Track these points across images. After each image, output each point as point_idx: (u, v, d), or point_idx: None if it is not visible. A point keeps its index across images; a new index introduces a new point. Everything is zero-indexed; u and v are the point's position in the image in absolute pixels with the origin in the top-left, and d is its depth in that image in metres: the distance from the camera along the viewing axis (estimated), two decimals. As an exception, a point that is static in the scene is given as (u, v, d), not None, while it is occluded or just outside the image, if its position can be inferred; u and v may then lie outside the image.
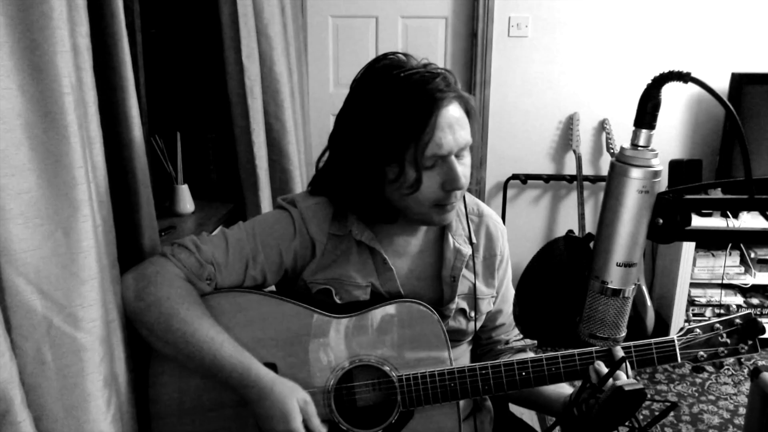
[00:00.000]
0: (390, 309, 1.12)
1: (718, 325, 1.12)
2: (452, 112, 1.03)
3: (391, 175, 1.05)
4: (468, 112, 1.07)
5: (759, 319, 1.12)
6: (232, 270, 1.11)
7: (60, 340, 0.83)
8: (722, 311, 2.92)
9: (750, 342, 1.12)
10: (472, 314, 1.19)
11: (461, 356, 1.23)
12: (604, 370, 1.05)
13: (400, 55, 1.07)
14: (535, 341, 1.29)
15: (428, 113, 1.01)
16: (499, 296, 1.26)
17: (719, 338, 1.12)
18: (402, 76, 1.03)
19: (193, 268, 1.08)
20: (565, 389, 1.19)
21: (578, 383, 1.08)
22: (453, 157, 1.04)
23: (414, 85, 1.02)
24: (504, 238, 1.26)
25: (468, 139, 1.06)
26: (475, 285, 1.19)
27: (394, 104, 1.02)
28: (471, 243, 1.19)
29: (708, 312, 2.93)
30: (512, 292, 1.33)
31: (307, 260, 1.15)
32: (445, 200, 1.07)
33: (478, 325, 1.22)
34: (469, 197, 1.22)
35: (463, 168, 1.06)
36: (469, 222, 1.20)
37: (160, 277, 1.05)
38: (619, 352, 1.08)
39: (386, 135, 1.02)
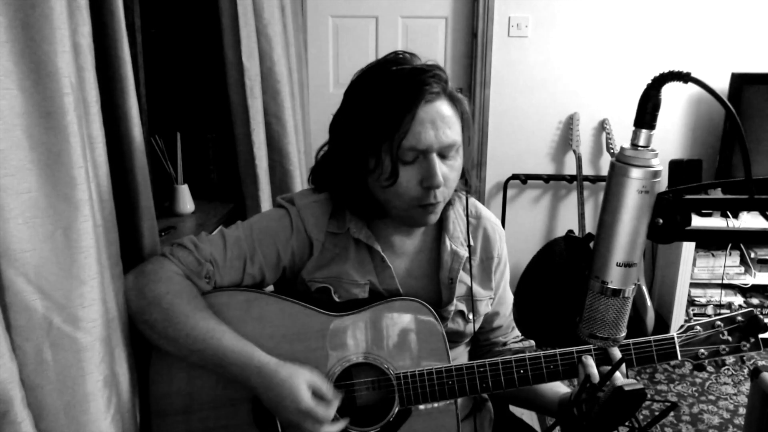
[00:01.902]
0: (388, 307, 1.12)
1: (719, 322, 1.11)
2: (438, 109, 1.03)
3: (371, 165, 1.05)
4: (461, 115, 1.07)
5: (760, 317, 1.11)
6: (231, 268, 1.11)
7: (60, 340, 0.83)
8: (727, 310, 2.92)
9: (752, 339, 1.10)
10: (470, 316, 1.19)
11: (459, 357, 1.23)
12: (592, 363, 1.05)
13: (406, 54, 1.08)
14: (533, 344, 1.29)
15: (409, 104, 1.01)
16: (497, 299, 1.26)
17: (720, 336, 1.10)
18: (393, 70, 1.04)
19: (192, 267, 1.08)
20: (562, 389, 1.19)
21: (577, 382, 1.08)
22: (434, 155, 1.03)
23: (401, 77, 1.02)
24: (502, 241, 1.26)
25: (454, 138, 1.04)
26: (471, 287, 1.19)
27: (379, 93, 1.03)
28: (468, 246, 1.19)
29: (710, 310, 2.93)
30: (510, 294, 1.32)
31: (305, 258, 1.15)
32: (424, 199, 1.05)
33: (476, 326, 1.22)
34: (470, 199, 1.22)
35: (447, 169, 1.05)
36: (469, 224, 1.20)
37: (160, 275, 1.06)
38: (616, 353, 1.08)
39: (368, 123, 1.03)
